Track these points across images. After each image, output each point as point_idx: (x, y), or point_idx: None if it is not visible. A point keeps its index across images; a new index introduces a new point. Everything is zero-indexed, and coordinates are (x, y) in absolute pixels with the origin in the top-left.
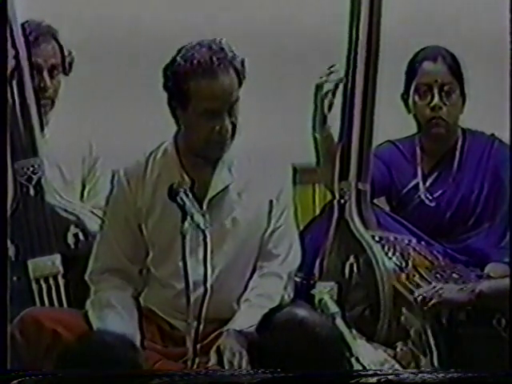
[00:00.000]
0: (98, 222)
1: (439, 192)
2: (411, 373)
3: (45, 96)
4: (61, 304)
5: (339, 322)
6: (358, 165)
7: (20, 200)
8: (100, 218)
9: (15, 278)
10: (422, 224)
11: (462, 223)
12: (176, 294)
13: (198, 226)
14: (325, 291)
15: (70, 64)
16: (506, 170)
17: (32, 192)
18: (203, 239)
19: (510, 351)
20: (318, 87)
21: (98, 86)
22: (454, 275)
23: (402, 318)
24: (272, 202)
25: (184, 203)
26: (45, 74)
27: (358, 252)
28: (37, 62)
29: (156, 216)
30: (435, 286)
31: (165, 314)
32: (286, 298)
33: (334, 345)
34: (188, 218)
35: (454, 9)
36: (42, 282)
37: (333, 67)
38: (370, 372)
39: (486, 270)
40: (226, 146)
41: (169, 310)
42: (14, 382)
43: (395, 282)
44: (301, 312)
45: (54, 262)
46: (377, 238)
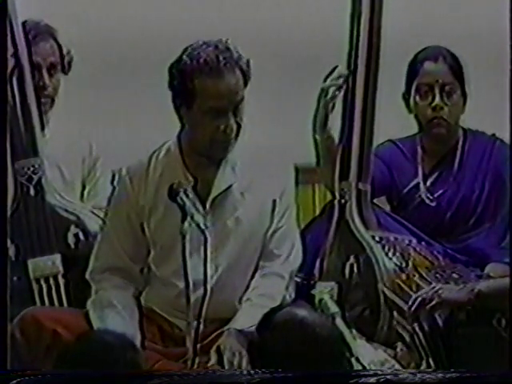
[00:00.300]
0: (99, 222)
1: (440, 192)
2: (411, 373)
3: (44, 94)
4: (61, 304)
5: (339, 321)
6: (358, 165)
7: (20, 200)
8: (100, 218)
9: (15, 278)
10: (423, 224)
11: (462, 223)
12: (177, 293)
13: (198, 226)
14: (325, 291)
15: (69, 63)
16: (506, 170)
17: (32, 192)
18: (203, 239)
19: (510, 351)
20: (323, 90)
21: (98, 86)
22: (454, 275)
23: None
24: (275, 201)
25: (184, 203)
26: (43, 73)
27: (358, 252)
28: (35, 60)
29: (159, 215)
30: (435, 287)
31: (166, 313)
32: (288, 298)
33: (334, 345)
34: (188, 218)
35: (454, 9)
36: (42, 282)
37: (338, 70)
38: (370, 372)
39: (486, 270)
40: (230, 146)
41: (170, 309)
42: (14, 382)
43: (395, 283)
44: (301, 312)
45: (54, 261)
46: (377, 239)
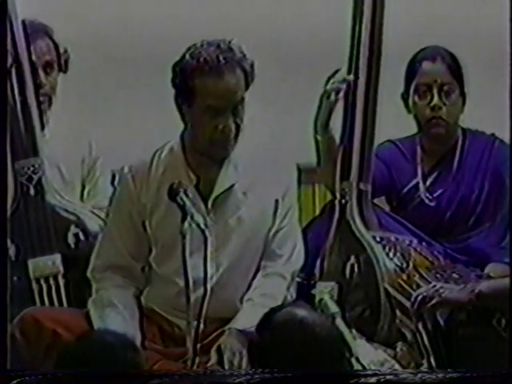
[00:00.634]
0: (98, 222)
1: (439, 192)
2: (411, 373)
3: (41, 93)
4: (61, 304)
5: (339, 321)
6: (359, 165)
7: (20, 200)
8: (100, 217)
9: (15, 278)
10: (422, 224)
11: (462, 223)
12: (178, 291)
13: (198, 225)
14: (325, 291)
15: (66, 61)
16: (506, 169)
17: (32, 192)
18: (203, 239)
19: (510, 351)
20: (325, 92)
21: (98, 86)
22: (454, 275)
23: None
24: (278, 201)
25: (184, 203)
26: (39, 71)
27: (358, 252)
28: (31, 58)
29: (161, 213)
30: (435, 285)
31: (166, 312)
32: (289, 298)
33: (333, 345)
34: (188, 217)
35: (454, 9)
36: (42, 282)
37: (340, 72)
38: (370, 372)
39: (486, 270)
40: (229, 146)
41: (170, 308)
42: (14, 382)
43: (396, 283)
44: (301, 312)
45: (54, 261)
46: (378, 239)
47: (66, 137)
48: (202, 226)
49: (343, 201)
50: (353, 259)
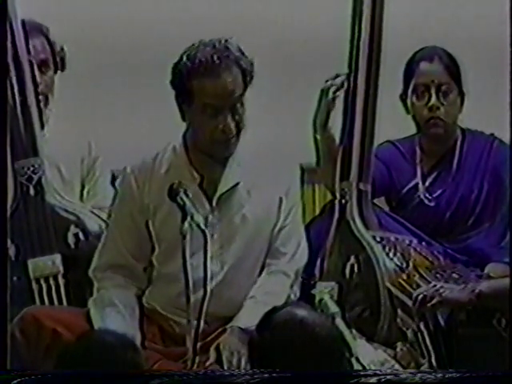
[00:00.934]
0: (98, 222)
1: (439, 192)
2: (411, 373)
3: (37, 91)
4: (61, 304)
5: (339, 321)
6: (359, 165)
7: (20, 200)
8: (100, 217)
9: (15, 278)
10: (422, 224)
11: (461, 223)
12: (180, 290)
13: (198, 226)
14: (325, 291)
15: (63, 60)
16: (505, 169)
17: (32, 192)
18: (203, 239)
19: (510, 351)
20: (323, 91)
21: (98, 86)
22: (454, 275)
23: (400, 320)
24: (282, 198)
25: (184, 203)
26: (34, 69)
27: (358, 252)
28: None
29: (164, 212)
30: (435, 285)
31: (167, 312)
32: (293, 296)
33: (333, 345)
34: (188, 218)
35: (454, 9)
36: (42, 282)
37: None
38: (370, 372)
39: (486, 270)
40: (231, 145)
41: (171, 307)
42: (14, 382)
43: (396, 283)
44: (301, 312)
45: (54, 261)
46: (378, 239)
47: (66, 137)
48: (202, 226)
49: (343, 201)
50: (353, 259)
